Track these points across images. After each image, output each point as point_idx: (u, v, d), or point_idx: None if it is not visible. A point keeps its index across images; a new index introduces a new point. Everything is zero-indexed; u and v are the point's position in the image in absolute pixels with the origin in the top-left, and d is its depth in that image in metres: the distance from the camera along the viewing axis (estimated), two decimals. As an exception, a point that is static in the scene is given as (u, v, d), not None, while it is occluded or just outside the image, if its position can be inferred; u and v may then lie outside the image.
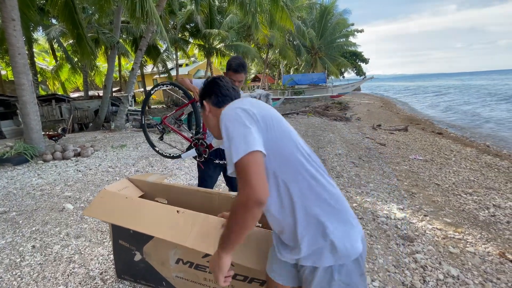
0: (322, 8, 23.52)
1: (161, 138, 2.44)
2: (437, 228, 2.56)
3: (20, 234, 2.46)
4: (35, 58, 15.19)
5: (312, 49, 24.28)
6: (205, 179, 2.14)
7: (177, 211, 1.42)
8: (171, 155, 2.34)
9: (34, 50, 14.92)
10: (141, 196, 1.80)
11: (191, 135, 2.19)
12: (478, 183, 3.83)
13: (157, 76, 24.59)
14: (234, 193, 1.74)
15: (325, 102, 16.30)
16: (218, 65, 29.98)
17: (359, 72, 33.20)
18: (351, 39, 26.52)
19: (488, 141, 7.63)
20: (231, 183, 2.28)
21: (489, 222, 2.72)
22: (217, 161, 2.12)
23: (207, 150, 2.03)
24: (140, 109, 15.48)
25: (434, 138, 7.51)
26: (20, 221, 2.70)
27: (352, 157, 4.90)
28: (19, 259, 2.09)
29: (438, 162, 4.97)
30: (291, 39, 23.23)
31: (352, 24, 28.97)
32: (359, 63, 33.01)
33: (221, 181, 3.03)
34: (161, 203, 1.86)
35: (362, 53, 32.54)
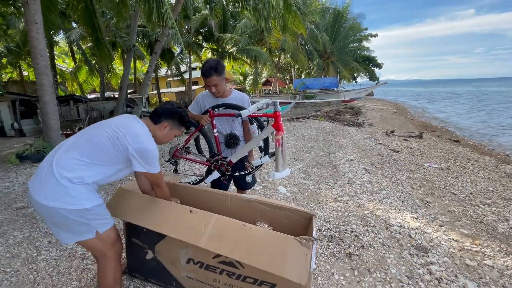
0: (335, 12, 23.40)
1: (175, 171, 2.45)
2: (453, 239, 2.47)
3: (37, 229, 2.55)
4: (55, 60, 15.81)
5: (324, 54, 24.14)
6: (219, 186, 2.17)
7: (190, 211, 1.45)
8: (192, 182, 2.35)
9: (54, 52, 15.54)
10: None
11: (205, 158, 2.23)
12: (497, 194, 3.68)
13: (170, 79, 25.06)
14: (245, 195, 1.75)
15: (337, 106, 16.12)
16: (230, 69, 30.30)
17: (372, 77, 32.73)
18: (364, 43, 26.25)
19: (508, 150, 7.34)
20: (238, 184, 2.32)
21: (509, 234, 2.61)
22: (237, 174, 2.17)
23: (229, 167, 2.07)
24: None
25: (451, 146, 7.28)
26: (37, 217, 2.79)
27: (365, 163, 4.81)
28: (35, 254, 2.16)
29: (454, 171, 4.82)
30: (303, 43, 23.21)
31: (366, 29, 28.68)
32: (372, 68, 32.57)
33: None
34: (174, 201, 1.89)
35: (376, 58, 32.12)
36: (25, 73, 19.00)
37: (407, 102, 30.18)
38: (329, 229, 2.52)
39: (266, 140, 2.11)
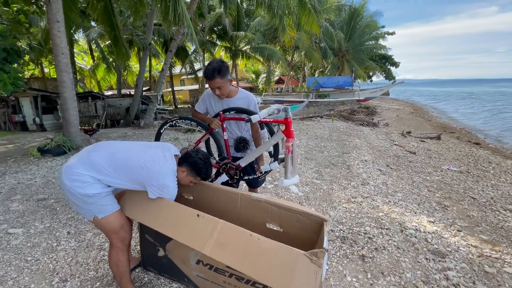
0: (351, 10, 22.92)
1: None
2: (471, 245, 2.37)
3: (57, 220, 2.65)
4: (75, 58, 16.35)
5: (339, 52, 23.72)
6: (230, 184, 2.19)
7: (197, 215, 1.42)
8: None
9: (74, 50, 16.06)
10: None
11: (215, 161, 2.24)
12: (521, 199, 3.51)
13: (184, 77, 25.37)
14: (255, 195, 1.74)
15: (351, 106, 15.83)
16: (243, 67, 30.34)
17: (389, 76, 31.89)
18: (381, 41, 25.56)
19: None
20: (249, 182, 2.32)
21: (533, 242, 2.48)
22: (246, 178, 2.18)
23: (238, 171, 2.08)
24: (164, 109, 15.81)
25: (471, 149, 7.01)
26: (58, 208, 2.91)
27: (379, 165, 4.71)
28: (55, 244, 2.25)
29: (474, 174, 4.63)
30: (317, 41, 22.89)
31: (383, 27, 27.89)
32: (388, 66, 31.73)
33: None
34: (187, 197, 1.91)
35: (392, 56, 31.26)
36: (46, 70, 19.78)
37: (424, 102, 29.26)
38: (342, 230, 2.48)
39: (276, 146, 2.10)
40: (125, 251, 1.55)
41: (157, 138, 2.49)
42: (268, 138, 2.17)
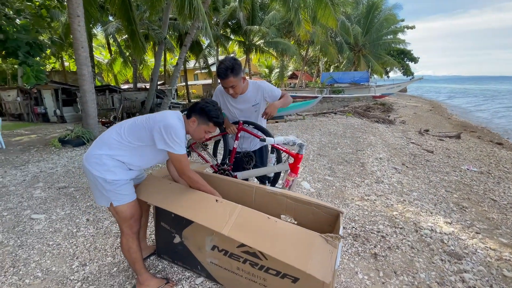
0: (369, 3, 22.19)
1: None
2: (490, 248, 2.29)
3: (77, 207, 2.77)
4: (93, 52, 16.79)
5: (355, 46, 23.11)
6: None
7: (216, 200, 1.48)
8: None
9: (92, 44, 16.49)
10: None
11: (215, 162, 2.28)
12: (546, 203, 3.34)
13: (198, 71, 25.56)
14: (270, 188, 1.75)
15: (367, 102, 15.46)
16: (256, 62, 30.18)
17: (407, 72, 30.85)
18: (400, 36, 24.67)
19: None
20: (260, 178, 2.33)
21: (558, 248, 2.36)
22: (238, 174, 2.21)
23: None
24: (177, 103, 16.05)
25: (493, 149, 6.70)
26: (77, 196, 3.03)
27: (395, 163, 4.59)
28: (75, 230, 2.36)
29: (496, 176, 4.44)
30: (333, 36, 22.39)
31: (402, 20, 26.89)
32: (407, 62, 30.68)
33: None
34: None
35: (411, 52, 30.19)
36: (66, 63, 20.45)
37: (444, 99, 28.17)
38: (354, 227, 2.46)
39: (277, 174, 2.14)
40: (135, 238, 1.60)
41: None
42: (274, 164, 2.19)
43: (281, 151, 2.10)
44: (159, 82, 19.80)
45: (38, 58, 7.99)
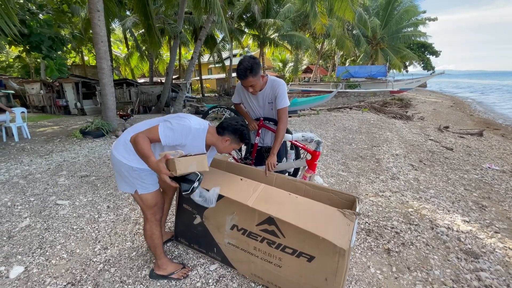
0: (389, -6, 21.40)
1: None
2: (509, 248, 2.22)
3: (98, 195, 2.91)
4: (111, 46, 17.20)
5: (373, 39, 22.42)
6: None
7: (241, 179, 1.61)
8: None
9: (111, 39, 16.90)
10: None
11: (239, 156, 2.34)
12: None
13: (212, 65, 25.71)
14: (291, 177, 1.82)
15: (384, 97, 15.04)
16: (270, 55, 29.92)
17: (427, 66, 29.67)
18: (421, 28, 23.69)
19: None
20: (279, 173, 2.37)
21: None
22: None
23: None
24: (194, 97, 16.25)
25: (517, 147, 6.38)
26: (98, 184, 3.18)
27: (412, 159, 4.49)
28: (97, 215, 2.49)
29: (519, 175, 4.24)
30: (350, 28, 21.80)
31: (424, 12, 25.82)
32: (427, 56, 29.47)
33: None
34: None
35: (433, 45, 28.93)
36: (85, 58, 21.11)
37: (466, 95, 26.90)
38: (367, 223, 2.44)
39: (296, 169, 2.15)
40: (158, 225, 1.67)
41: (204, 116, 2.74)
42: (294, 160, 2.30)
43: (300, 148, 2.14)
44: (174, 76, 20.11)
45: (60, 52, 8.30)
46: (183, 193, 1.35)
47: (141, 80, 22.45)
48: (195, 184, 1.33)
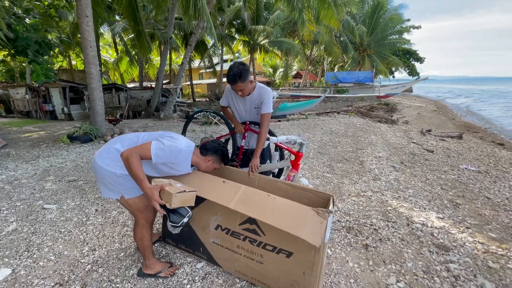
0: (374, 2, 22.14)
1: None
2: (478, 242, 2.38)
3: (86, 199, 2.93)
4: (100, 51, 17.06)
5: (360, 46, 23.08)
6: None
7: (223, 181, 1.68)
8: None
9: (99, 43, 16.76)
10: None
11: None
12: (541, 201, 3.40)
13: (203, 70, 25.77)
14: (272, 178, 1.92)
15: (371, 102, 15.47)
16: (261, 61, 30.27)
17: (412, 72, 30.66)
18: (405, 35, 24.56)
19: None
20: (264, 173, 2.46)
21: (545, 243, 2.44)
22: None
23: None
24: (184, 102, 16.25)
25: (493, 149, 6.71)
26: (86, 189, 3.20)
27: (393, 161, 4.68)
28: (85, 219, 2.52)
29: (493, 175, 4.49)
30: (338, 35, 22.38)
31: (408, 20, 26.75)
32: (412, 62, 30.49)
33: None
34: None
35: (417, 52, 29.98)
36: (73, 62, 20.80)
37: (449, 100, 27.90)
38: (348, 221, 2.57)
39: (280, 170, 2.31)
40: (148, 228, 1.73)
41: (190, 120, 2.81)
42: (278, 161, 2.45)
43: (284, 149, 2.26)
44: (164, 81, 20.06)
45: (47, 57, 8.20)
46: (170, 224, 1.47)
47: (131, 85, 22.28)
48: (185, 220, 1.47)
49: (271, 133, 2.24)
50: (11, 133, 7.01)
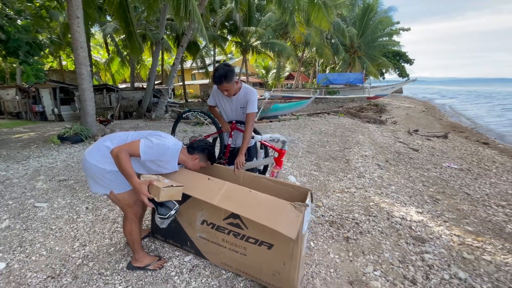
0: (364, 5, 22.57)
1: None
2: (455, 234, 2.53)
3: (77, 197, 2.98)
4: (91, 51, 16.90)
5: (351, 48, 23.47)
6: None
7: (208, 179, 1.76)
8: None
9: (90, 44, 16.60)
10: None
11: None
12: (516, 197, 3.60)
13: (195, 71, 25.74)
14: (256, 174, 2.03)
15: (361, 103, 15.76)
16: (253, 62, 30.44)
17: (402, 73, 31.30)
18: (395, 38, 25.09)
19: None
20: (250, 170, 2.57)
21: (516, 234, 2.61)
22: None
23: None
24: (175, 102, 16.22)
25: (477, 148, 6.98)
26: (77, 188, 3.24)
27: (379, 160, 4.84)
28: (75, 216, 2.57)
29: (474, 172, 4.70)
30: (328, 37, 22.71)
31: (398, 23, 27.38)
32: (402, 64, 31.13)
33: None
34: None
35: (407, 53, 30.64)
36: (64, 62, 20.53)
37: (438, 101, 28.58)
38: (331, 215, 2.69)
39: (265, 167, 2.43)
40: (137, 223, 1.81)
41: (178, 120, 2.89)
42: (263, 158, 2.59)
43: (268, 147, 2.37)
44: (156, 82, 19.96)
45: (37, 57, 8.13)
46: (158, 216, 1.58)
47: (122, 86, 22.09)
48: (172, 212, 1.57)
49: (256, 132, 2.34)
50: (1, 134, 6.94)
